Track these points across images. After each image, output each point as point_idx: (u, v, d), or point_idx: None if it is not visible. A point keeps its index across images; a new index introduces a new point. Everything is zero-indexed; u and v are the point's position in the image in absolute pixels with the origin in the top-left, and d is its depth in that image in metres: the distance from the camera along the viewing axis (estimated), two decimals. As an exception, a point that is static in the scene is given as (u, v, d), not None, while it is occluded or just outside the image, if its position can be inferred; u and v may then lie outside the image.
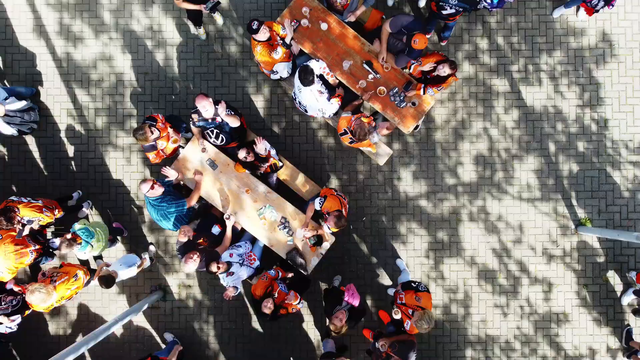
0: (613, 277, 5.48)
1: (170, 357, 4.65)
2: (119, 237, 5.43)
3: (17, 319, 4.48)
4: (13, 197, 4.52)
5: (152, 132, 4.41)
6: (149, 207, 4.70)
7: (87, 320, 5.54)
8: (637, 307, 5.40)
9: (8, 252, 4.43)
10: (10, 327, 4.47)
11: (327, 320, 4.53)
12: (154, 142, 4.56)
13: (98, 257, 5.47)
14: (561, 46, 5.53)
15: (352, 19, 4.88)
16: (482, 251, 5.52)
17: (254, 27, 4.29)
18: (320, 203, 4.55)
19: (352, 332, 5.38)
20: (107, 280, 4.43)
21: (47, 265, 5.39)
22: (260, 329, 5.57)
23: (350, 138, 4.51)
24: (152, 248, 5.52)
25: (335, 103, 4.68)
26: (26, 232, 4.46)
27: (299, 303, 4.65)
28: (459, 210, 5.53)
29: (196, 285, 5.55)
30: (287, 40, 4.61)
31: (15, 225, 4.29)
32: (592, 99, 5.51)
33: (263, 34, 4.37)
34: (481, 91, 5.53)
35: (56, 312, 5.51)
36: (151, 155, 4.70)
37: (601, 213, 5.50)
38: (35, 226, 4.51)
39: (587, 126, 5.51)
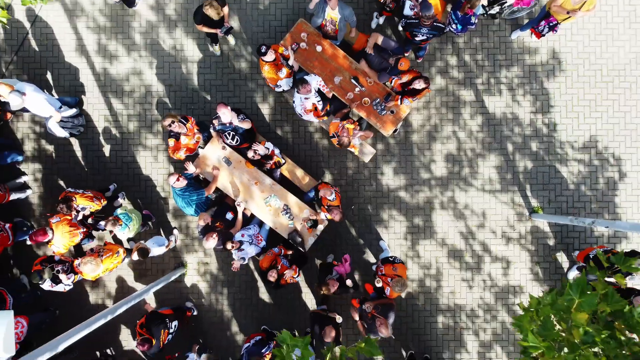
0: (561, 256, 6.56)
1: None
2: (149, 223, 6.52)
3: (72, 277, 5.54)
4: (70, 189, 5.60)
5: (177, 125, 5.43)
6: (175, 197, 5.77)
7: (121, 292, 6.63)
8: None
9: (64, 232, 5.51)
10: (68, 285, 5.53)
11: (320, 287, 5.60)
12: (175, 133, 5.57)
13: (131, 239, 6.55)
14: (518, 62, 6.60)
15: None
16: (451, 234, 6.60)
17: (263, 50, 5.35)
18: (332, 198, 5.59)
19: (343, 302, 6.48)
20: (143, 251, 5.51)
21: (88, 245, 6.48)
22: (266, 300, 6.65)
23: (337, 142, 5.60)
24: (175, 232, 6.60)
25: (311, 115, 5.77)
26: (80, 217, 5.55)
27: (297, 277, 5.73)
28: (432, 200, 6.61)
29: (212, 262, 6.64)
30: (290, 62, 5.68)
31: (72, 211, 5.37)
32: (543, 106, 6.58)
33: (270, 56, 5.43)
34: (451, 100, 6.60)
35: (96, 284, 6.60)
36: (171, 142, 5.66)
37: (551, 202, 6.58)
38: (87, 213, 5.60)
39: (539, 129, 6.58)
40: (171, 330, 5.65)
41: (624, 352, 2.47)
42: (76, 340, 4.07)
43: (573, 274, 6.48)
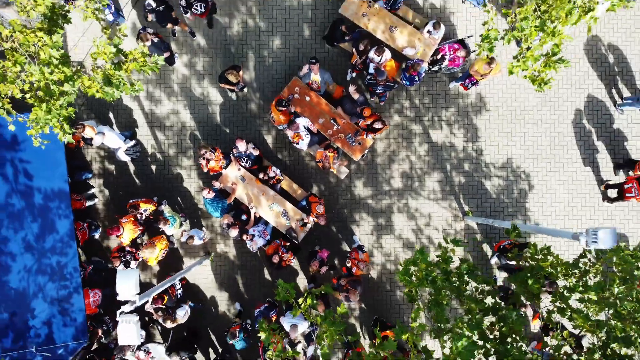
0: (485, 247, 8.95)
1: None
2: (183, 223, 8.92)
3: (136, 263, 7.96)
4: (132, 200, 7.99)
5: (208, 154, 7.87)
6: (206, 204, 8.19)
7: (164, 273, 9.03)
8: (500, 264, 8.84)
9: (130, 229, 7.91)
10: (133, 268, 7.94)
11: (309, 267, 8.01)
12: (207, 158, 8.01)
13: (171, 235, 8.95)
14: (454, 104, 8.99)
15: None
16: (406, 231, 9.00)
17: (284, 103, 7.76)
18: (320, 209, 7.97)
19: (326, 281, 8.86)
20: (191, 237, 7.93)
21: (141, 239, 8.86)
22: (269, 280, 9.05)
23: (322, 166, 8.02)
24: (204, 229, 9.01)
25: (301, 144, 8.19)
26: (144, 217, 7.97)
27: (293, 259, 8.15)
28: (391, 206, 9.01)
29: (231, 252, 9.04)
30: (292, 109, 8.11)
31: (138, 212, 7.80)
32: (473, 137, 8.97)
33: (282, 107, 7.85)
34: (405, 132, 9.00)
35: (146, 267, 9.01)
36: (202, 161, 8.11)
37: (478, 207, 8.96)
38: (147, 213, 8.01)
39: (470, 154, 8.97)
40: (177, 287, 8.05)
41: (453, 287, 4.90)
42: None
43: (494, 260, 8.86)
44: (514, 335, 4.94)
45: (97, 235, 8.92)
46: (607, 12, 8.73)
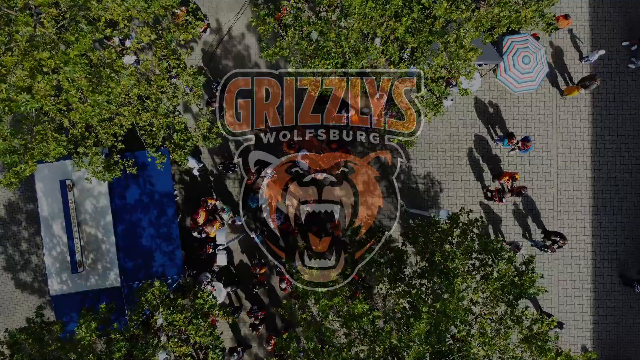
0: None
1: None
2: (230, 212, 14.72)
3: (205, 234, 13.78)
4: (203, 198, 13.82)
5: (246, 175, 13.75)
6: (248, 201, 14.02)
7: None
8: (422, 237, 14.63)
9: (203, 215, 13.71)
10: (200, 235, 13.74)
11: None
12: (251, 179, 13.88)
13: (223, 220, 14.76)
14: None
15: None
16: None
17: (292, 143, 13.60)
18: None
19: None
20: (233, 221, 13.79)
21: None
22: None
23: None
24: (245, 217, 14.82)
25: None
26: (209, 208, 13.79)
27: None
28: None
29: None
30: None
31: (208, 206, 13.62)
32: (405, 159, 14.77)
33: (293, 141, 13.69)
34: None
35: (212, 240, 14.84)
36: (246, 177, 14.00)
37: (409, 202, 14.76)
38: (211, 206, 13.82)
39: (404, 169, 14.76)
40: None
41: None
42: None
43: (419, 234, 14.65)
44: (401, 261, 10.74)
45: (178, 219, 14.75)
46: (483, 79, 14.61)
